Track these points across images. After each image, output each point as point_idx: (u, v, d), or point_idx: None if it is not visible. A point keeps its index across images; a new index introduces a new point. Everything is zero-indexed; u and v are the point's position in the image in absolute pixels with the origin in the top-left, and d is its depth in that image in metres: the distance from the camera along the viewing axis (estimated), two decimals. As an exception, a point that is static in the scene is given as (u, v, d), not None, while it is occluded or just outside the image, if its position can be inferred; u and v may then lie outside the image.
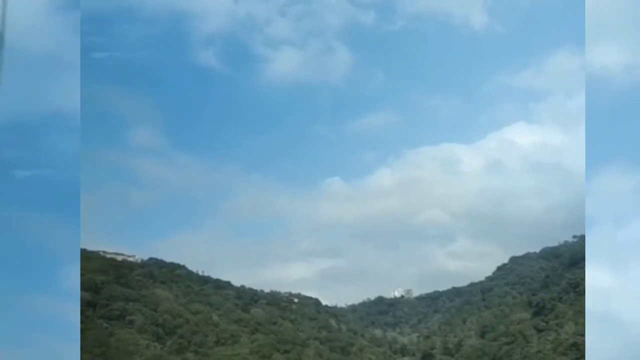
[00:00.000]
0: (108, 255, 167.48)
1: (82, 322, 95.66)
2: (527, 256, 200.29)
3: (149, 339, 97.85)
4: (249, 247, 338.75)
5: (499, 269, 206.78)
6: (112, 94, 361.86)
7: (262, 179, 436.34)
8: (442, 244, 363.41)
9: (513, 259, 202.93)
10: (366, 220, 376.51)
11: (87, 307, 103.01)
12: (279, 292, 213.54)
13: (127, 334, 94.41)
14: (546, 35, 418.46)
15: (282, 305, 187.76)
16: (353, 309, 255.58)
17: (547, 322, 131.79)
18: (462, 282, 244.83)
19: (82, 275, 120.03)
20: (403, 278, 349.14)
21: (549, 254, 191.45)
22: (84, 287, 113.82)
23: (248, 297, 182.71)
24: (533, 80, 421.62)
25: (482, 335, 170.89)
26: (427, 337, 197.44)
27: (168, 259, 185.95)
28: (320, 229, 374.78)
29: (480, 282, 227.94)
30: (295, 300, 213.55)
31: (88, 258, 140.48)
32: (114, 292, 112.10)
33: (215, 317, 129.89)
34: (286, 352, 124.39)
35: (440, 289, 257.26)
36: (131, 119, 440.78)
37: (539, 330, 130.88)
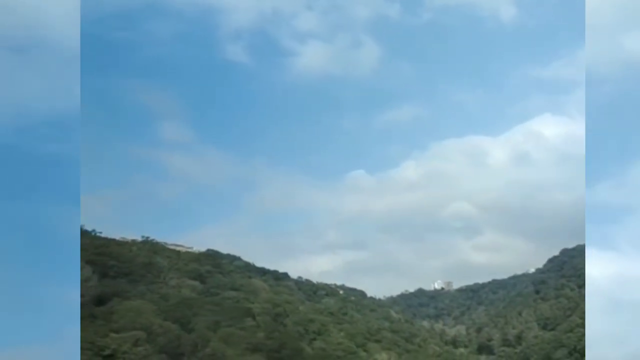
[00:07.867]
0: (169, 246, 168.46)
1: (197, 312, 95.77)
2: (580, 248, 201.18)
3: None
4: (274, 240, 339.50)
5: (550, 261, 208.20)
6: (140, 88, 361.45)
7: (288, 172, 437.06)
8: (468, 237, 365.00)
9: (565, 252, 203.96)
10: (391, 213, 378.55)
11: (201, 295, 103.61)
12: (324, 283, 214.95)
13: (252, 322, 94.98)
14: (574, 27, 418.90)
15: (340, 296, 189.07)
16: (392, 300, 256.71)
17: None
18: (489, 276, 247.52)
19: (185, 264, 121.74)
20: (428, 270, 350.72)
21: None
22: (189, 276, 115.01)
23: (307, 289, 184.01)
24: (560, 72, 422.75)
25: (545, 326, 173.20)
26: (479, 328, 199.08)
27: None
28: (345, 221, 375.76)
29: (525, 275, 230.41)
30: (341, 292, 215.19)
31: (174, 250, 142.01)
32: (219, 281, 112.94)
33: (301, 307, 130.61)
34: (377, 341, 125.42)
35: (467, 282, 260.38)
36: (159, 113, 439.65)
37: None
